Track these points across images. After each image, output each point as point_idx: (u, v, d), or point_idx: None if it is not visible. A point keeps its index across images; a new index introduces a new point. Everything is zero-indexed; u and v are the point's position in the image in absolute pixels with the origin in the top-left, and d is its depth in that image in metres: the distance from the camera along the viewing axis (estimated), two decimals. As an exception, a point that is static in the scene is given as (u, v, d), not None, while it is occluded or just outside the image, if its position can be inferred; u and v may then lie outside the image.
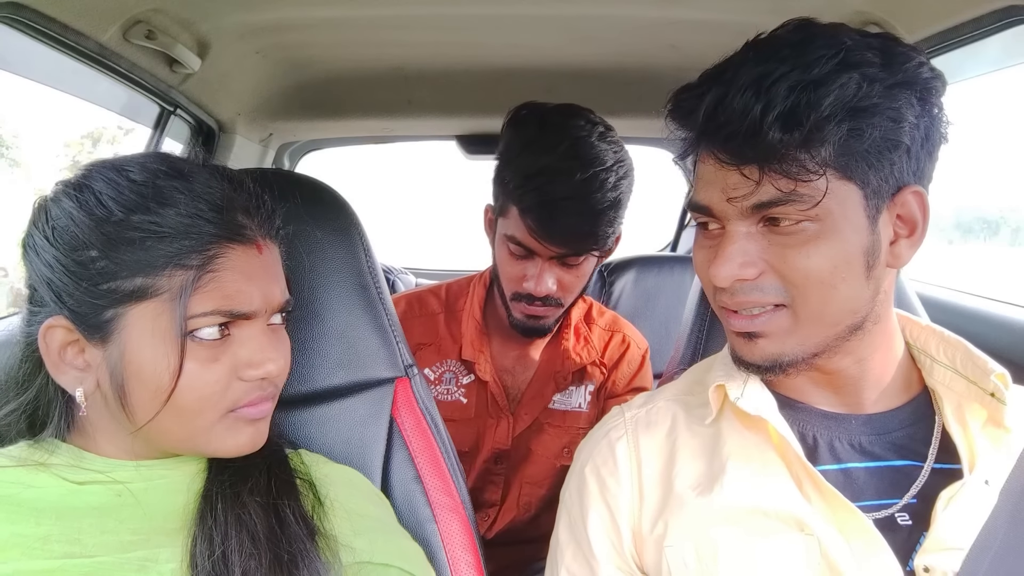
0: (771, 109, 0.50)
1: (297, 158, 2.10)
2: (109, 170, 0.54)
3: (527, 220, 0.95)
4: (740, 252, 0.55)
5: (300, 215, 0.71)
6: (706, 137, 0.55)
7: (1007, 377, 0.58)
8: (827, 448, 0.60)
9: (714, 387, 0.63)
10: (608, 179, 0.95)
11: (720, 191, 0.55)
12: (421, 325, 1.16)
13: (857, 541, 0.55)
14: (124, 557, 0.52)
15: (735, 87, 0.51)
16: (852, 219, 0.53)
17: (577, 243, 0.97)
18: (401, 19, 1.20)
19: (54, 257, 0.53)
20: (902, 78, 0.52)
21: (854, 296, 0.55)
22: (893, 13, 1.00)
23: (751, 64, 0.52)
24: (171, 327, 0.52)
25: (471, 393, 1.14)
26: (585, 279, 1.05)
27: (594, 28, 1.24)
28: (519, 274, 1.01)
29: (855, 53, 0.51)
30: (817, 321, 0.56)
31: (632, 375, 1.20)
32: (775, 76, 0.50)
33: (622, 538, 0.62)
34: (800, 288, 0.54)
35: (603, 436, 0.67)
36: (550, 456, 1.16)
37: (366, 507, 0.65)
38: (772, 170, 0.52)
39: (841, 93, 0.50)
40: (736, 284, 0.56)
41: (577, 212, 0.94)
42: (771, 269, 0.55)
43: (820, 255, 0.53)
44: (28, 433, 0.58)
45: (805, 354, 0.57)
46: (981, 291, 1.33)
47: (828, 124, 0.50)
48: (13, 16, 0.83)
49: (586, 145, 0.95)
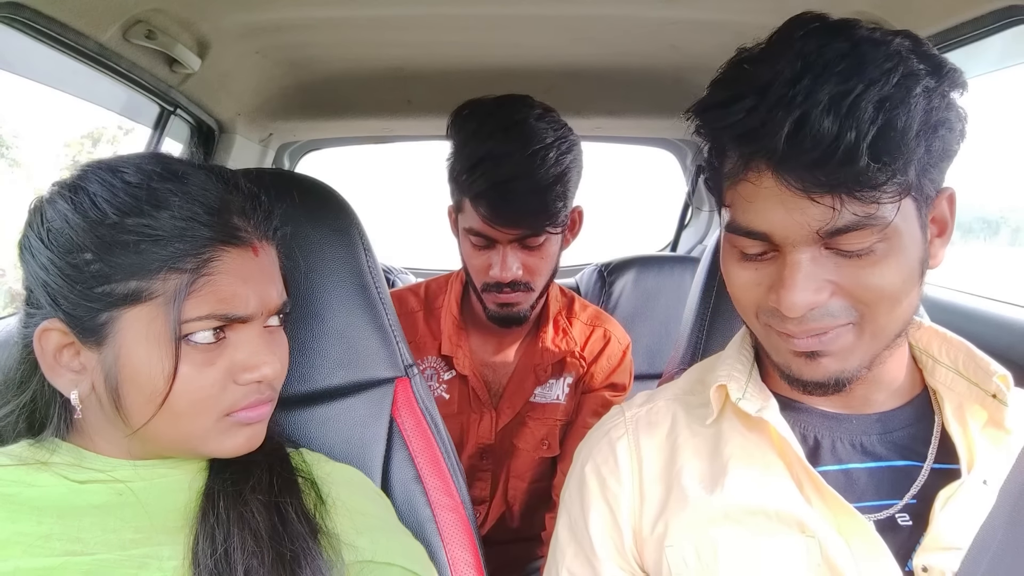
0: (864, 135, 0.46)
1: (297, 158, 2.10)
2: (104, 171, 0.54)
3: (479, 208, 0.98)
4: (811, 279, 0.51)
5: (300, 215, 0.71)
6: (783, 161, 0.49)
7: (1009, 379, 0.58)
8: (829, 449, 0.60)
9: (715, 388, 0.63)
10: (550, 155, 0.97)
11: (783, 215, 0.50)
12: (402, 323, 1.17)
13: (857, 543, 0.55)
14: (126, 555, 0.52)
15: (815, 107, 0.46)
16: (912, 232, 0.52)
17: (530, 222, 0.99)
18: (401, 19, 1.20)
19: (49, 259, 0.53)
20: (948, 86, 0.50)
21: (912, 306, 0.54)
22: (893, 13, 1.00)
23: (814, 78, 0.47)
24: (166, 331, 0.52)
25: (453, 388, 1.16)
26: (551, 260, 1.07)
27: (594, 28, 1.24)
28: (484, 264, 1.04)
29: (906, 61, 0.48)
30: (880, 335, 0.54)
31: (611, 370, 1.20)
32: (855, 94, 0.46)
33: (623, 537, 0.62)
34: (871, 306, 0.52)
35: (603, 435, 0.67)
36: (530, 449, 1.18)
37: (367, 506, 0.65)
38: (852, 196, 0.48)
39: (917, 110, 0.47)
40: (810, 312, 0.53)
41: (525, 191, 0.96)
42: (840, 291, 0.52)
43: (892, 272, 0.51)
44: (28, 433, 0.58)
45: (863, 367, 0.56)
46: (981, 291, 1.33)
47: (915, 145, 0.47)
48: (13, 16, 0.83)
49: (525, 127, 0.98)
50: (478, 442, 1.17)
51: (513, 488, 1.20)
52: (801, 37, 0.50)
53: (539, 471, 1.20)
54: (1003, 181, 4.06)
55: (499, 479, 1.20)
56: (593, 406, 1.18)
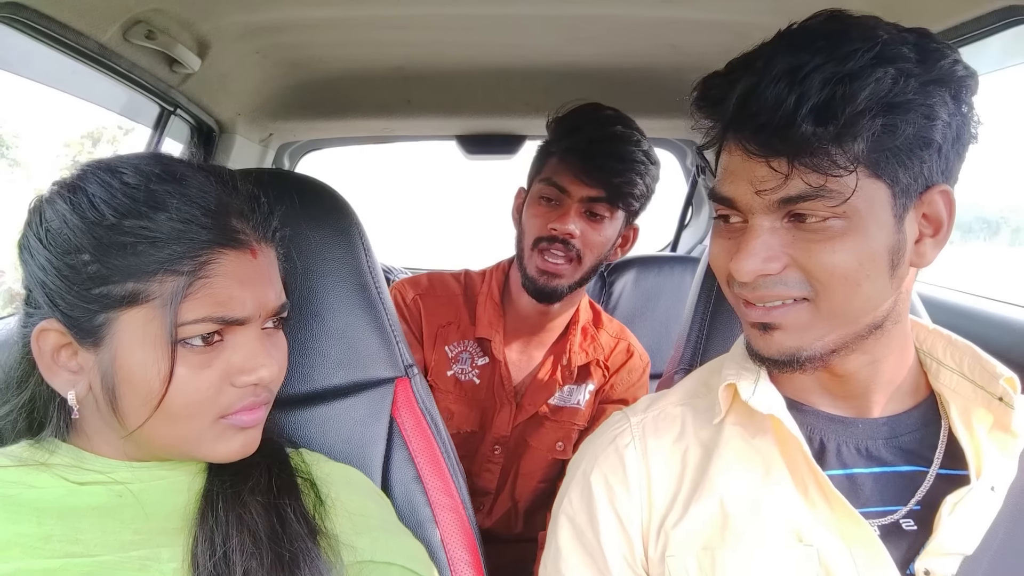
0: (805, 101, 0.49)
1: (297, 158, 2.10)
2: (103, 171, 0.54)
3: (567, 159, 1.06)
4: (764, 247, 0.54)
5: (300, 216, 0.71)
6: (735, 127, 0.54)
7: (1016, 382, 0.57)
8: (834, 453, 0.59)
9: (724, 386, 0.62)
10: (642, 144, 1.08)
11: (747, 183, 0.54)
12: (445, 304, 1.21)
13: (858, 549, 0.54)
14: (125, 556, 0.52)
15: (768, 77, 0.50)
16: (879, 217, 0.52)
17: (609, 185, 1.05)
18: (401, 19, 1.20)
19: (47, 260, 0.53)
20: (937, 75, 0.51)
21: (877, 294, 0.54)
22: (893, 13, 0.99)
23: (784, 54, 0.50)
24: (162, 333, 0.51)
25: (484, 375, 1.18)
26: (605, 244, 1.11)
27: (594, 28, 1.24)
28: (545, 221, 1.08)
29: (891, 47, 0.50)
30: (838, 317, 0.55)
31: (631, 384, 1.23)
32: (809, 67, 0.49)
33: (633, 547, 0.61)
34: (824, 284, 0.53)
35: (609, 442, 0.65)
36: (543, 449, 1.20)
37: (367, 506, 0.65)
38: (802, 164, 0.50)
39: (877, 87, 0.48)
40: (759, 279, 0.55)
41: (613, 156, 1.05)
42: (795, 264, 0.54)
43: (846, 252, 0.52)
44: (28, 433, 0.58)
45: (824, 350, 0.56)
46: (982, 291, 1.33)
47: (862, 119, 0.49)
48: (13, 16, 0.83)
49: (622, 117, 1.10)
50: (495, 433, 1.18)
51: (521, 486, 1.21)
52: (802, 24, 0.53)
53: (549, 472, 1.22)
54: (1003, 181, 4.06)
55: (508, 474, 1.22)
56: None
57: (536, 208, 1.10)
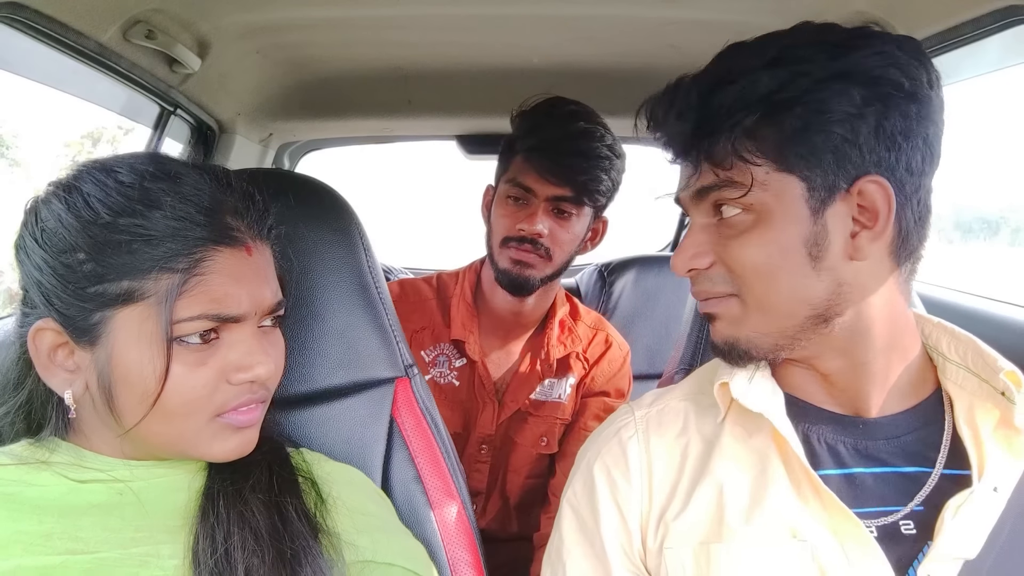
0: (672, 108, 0.57)
1: (297, 158, 2.09)
2: (98, 171, 0.54)
3: (532, 159, 1.06)
4: (693, 244, 0.59)
5: (300, 215, 0.71)
6: (666, 138, 0.60)
7: (1018, 374, 0.56)
8: (832, 452, 0.59)
9: (719, 385, 0.62)
10: (605, 139, 1.08)
11: (680, 182, 0.61)
12: (416, 310, 1.21)
13: (852, 548, 0.54)
14: (126, 553, 0.52)
15: (659, 95, 0.58)
16: (791, 210, 0.54)
17: (574, 183, 1.06)
18: (401, 19, 1.20)
19: (43, 259, 0.53)
20: (838, 69, 0.52)
21: (800, 286, 0.55)
22: (893, 13, 1.00)
23: (693, 74, 0.57)
24: (158, 331, 0.51)
25: (463, 376, 1.18)
26: (573, 240, 1.12)
27: (594, 28, 1.24)
28: (513, 220, 1.09)
29: (796, 51, 0.53)
30: (765, 311, 0.57)
31: (611, 374, 1.23)
32: (689, 79, 0.56)
33: (632, 539, 0.61)
34: (742, 278, 0.57)
35: (613, 435, 0.66)
36: (527, 444, 1.20)
37: (368, 506, 0.65)
38: (707, 160, 0.56)
39: (747, 88, 0.53)
40: (692, 274, 0.60)
41: (576, 153, 1.05)
42: (719, 260, 0.58)
43: (754, 246, 0.55)
44: (27, 433, 0.58)
45: (764, 343, 0.58)
46: (982, 291, 1.33)
47: (724, 116, 0.53)
48: (13, 16, 0.83)
49: (585, 112, 1.10)
50: (479, 432, 1.18)
51: (511, 483, 1.22)
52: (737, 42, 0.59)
53: (536, 467, 1.22)
54: (1003, 181, 4.07)
55: (498, 472, 1.22)
56: (594, 410, 1.21)
57: (504, 208, 1.11)
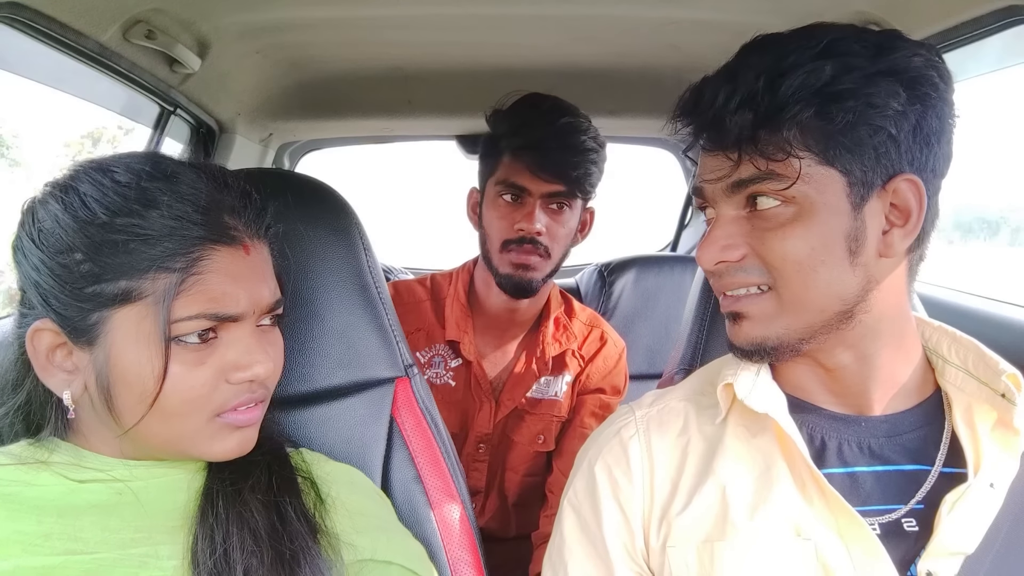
0: (735, 95, 0.53)
1: (297, 158, 2.10)
2: (95, 171, 0.54)
3: (522, 159, 1.06)
4: (724, 235, 0.57)
5: (299, 215, 0.71)
6: (693, 128, 0.58)
7: (1019, 377, 0.57)
8: (835, 451, 0.60)
9: (723, 385, 0.62)
10: (589, 131, 1.09)
11: (709, 174, 0.58)
12: (411, 311, 1.21)
13: (856, 547, 0.54)
14: (125, 553, 0.52)
15: (712, 79, 0.55)
16: (832, 203, 0.54)
17: (568, 178, 1.07)
18: (401, 19, 1.20)
19: (40, 260, 0.53)
20: (886, 66, 0.52)
21: (836, 281, 0.55)
22: (893, 13, 1.00)
23: (737, 59, 0.55)
24: (155, 331, 0.51)
25: (459, 376, 1.19)
26: (568, 234, 1.13)
27: (594, 28, 1.24)
28: (510, 222, 1.09)
29: (841, 43, 0.52)
30: (800, 305, 0.56)
31: (607, 371, 1.23)
32: (747, 65, 0.54)
33: (634, 538, 0.61)
34: (780, 271, 0.56)
35: (614, 434, 0.66)
36: (525, 442, 1.21)
37: (367, 505, 0.65)
38: (748, 151, 0.54)
39: (808, 78, 0.51)
40: (721, 266, 0.58)
41: (565, 148, 1.07)
42: (753, 252, 0.57)
43: (796, 238, 0.54)
44: (26, 433, 0.58)
45: (791, 339, 0.57)
46: (982, 291, 1.33)
47: (789, 107, 0.52)
48: (13, 16, 0.83)
49: (565, 105, 1.11)
50: (477, 431, 1.19)
51: (509, 482, 1.22)
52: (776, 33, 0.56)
53: (534, 465, 1.23)
54: (1003, 181, 4.07)
55: (496, 471, 1.22)
56: (591, 407, 1.21)
57: (498, 209, 1.11)
